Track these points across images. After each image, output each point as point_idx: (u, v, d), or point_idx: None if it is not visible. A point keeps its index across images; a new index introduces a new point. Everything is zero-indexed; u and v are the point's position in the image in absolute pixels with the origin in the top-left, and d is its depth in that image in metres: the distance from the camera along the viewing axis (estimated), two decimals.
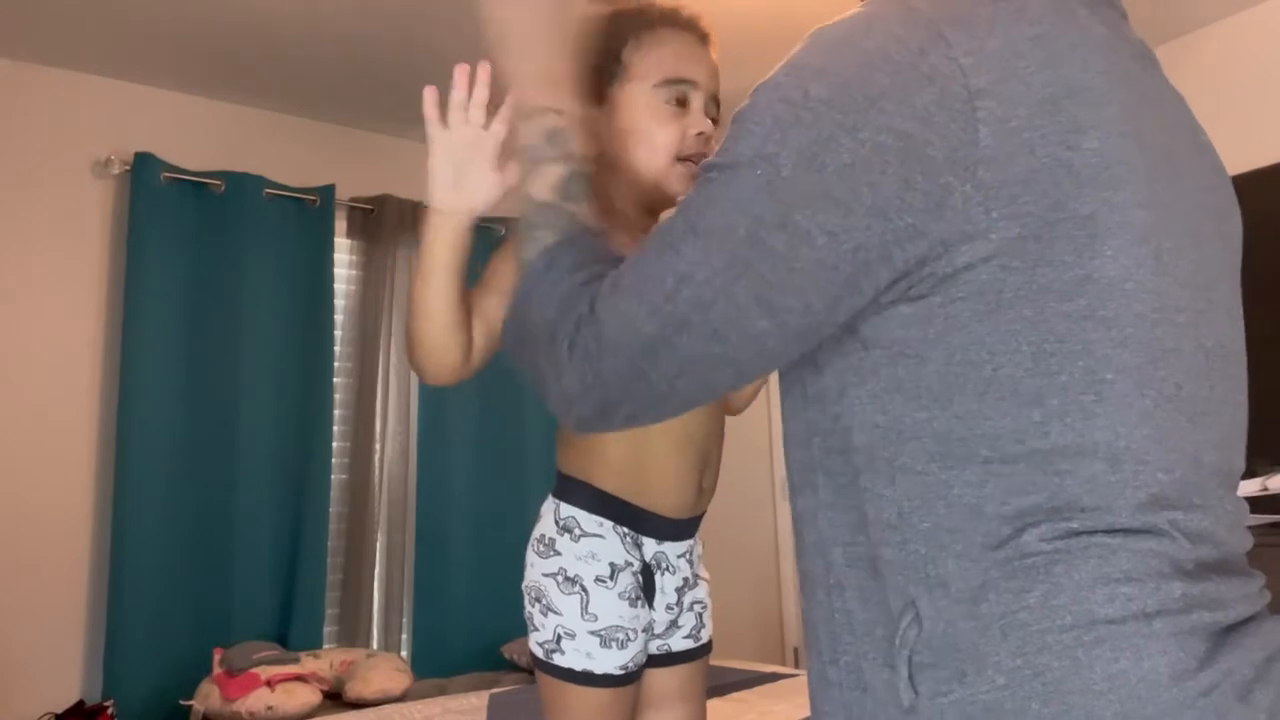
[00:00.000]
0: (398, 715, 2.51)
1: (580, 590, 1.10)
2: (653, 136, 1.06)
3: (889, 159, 0.60)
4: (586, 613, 1.10)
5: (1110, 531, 0.59)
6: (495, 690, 2.80)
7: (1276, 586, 2.23)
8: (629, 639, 1.11)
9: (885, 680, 0.63)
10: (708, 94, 1.10)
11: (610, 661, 1.10)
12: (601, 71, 1.07)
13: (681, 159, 1.07)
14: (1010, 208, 0.59)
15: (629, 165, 1.08)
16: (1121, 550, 0.59)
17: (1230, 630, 0.61)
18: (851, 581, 0.65)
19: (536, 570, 1.14)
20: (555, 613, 1.11)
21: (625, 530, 1.13)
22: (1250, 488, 2.27)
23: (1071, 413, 0.60)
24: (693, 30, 1.12)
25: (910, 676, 0.61)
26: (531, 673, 3.13)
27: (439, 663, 3.29)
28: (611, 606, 1.11)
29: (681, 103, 1.07)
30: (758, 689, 2.59)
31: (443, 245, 0.97)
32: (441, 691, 2.92)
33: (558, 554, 1.12)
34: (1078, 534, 0.59)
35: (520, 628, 3.37)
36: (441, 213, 0.97)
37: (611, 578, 1.11)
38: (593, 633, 1.09)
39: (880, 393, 0.64)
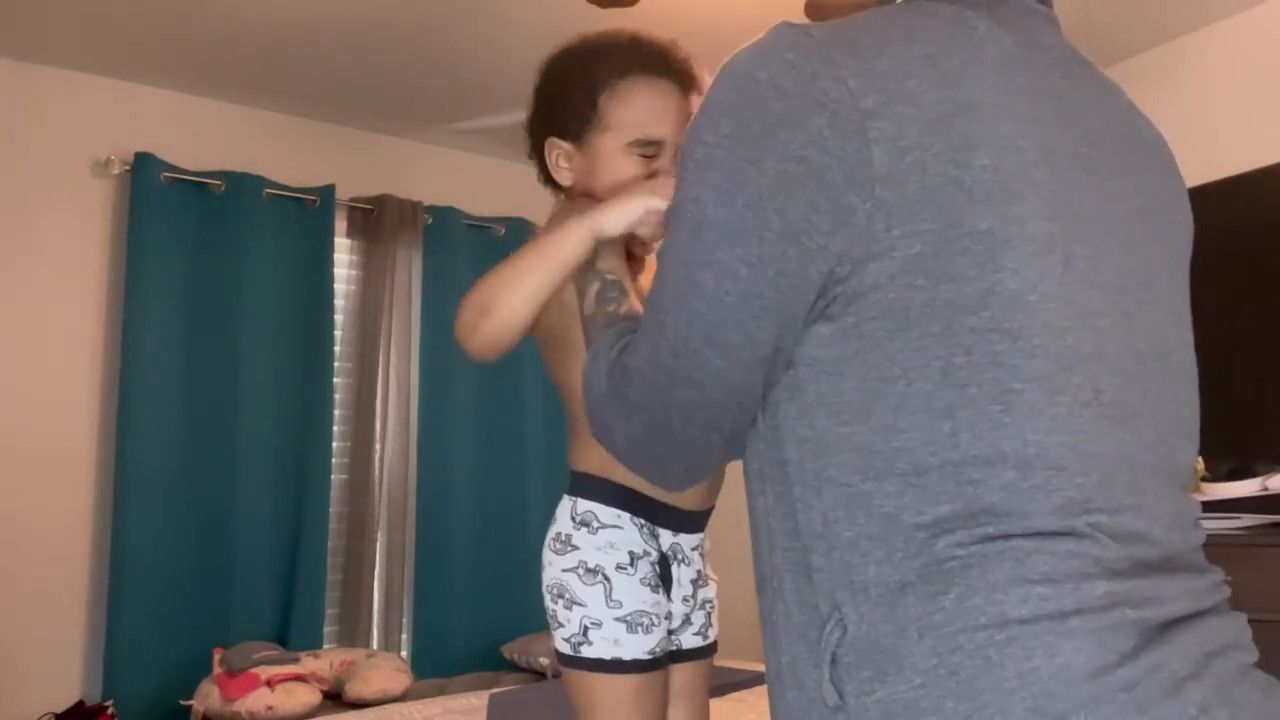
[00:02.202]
0: (398, 715, 2.51)
1: (603, 579, 1.13)
2: (621, 180, 1.14)
3: (792, 185, 0.63)
4: (611, 600, 1.13)
5: (1027, 535, 0.61)
6: (495, 690, 2.80)
7: (1277, 586, 2.23)
8: (653, 624, 1.15)
9: (816, 680, 0.65)
10: (676, 147, 1.15)
11: (638, 647, 1.13)
12: (580, 113, 1.15)
13: None
14: (909, 225, 0.61)
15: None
16: (1038, 553, 0.60)
17: (1166, 626, 0.61)
18: (790, 584, 0.68)
19: (555, 568, 1.16)
20: (580, 605, 1.13)
21: (642, 522, 1.16)
22: (1250, 488, 2.27)
23: (980, 423, 0.61)
24: (673, 77, 1.16)
25: (833, 678, 0.63)
26: (533, 672, 3.13)
27: (439, 663, 3.29)
28: (634, 592, 1.14)
29: (651, 156, 1.15)
30: (758, 689, 2.60)
31: (577, 249, 1.03)
32: (441, 691, 2.92)
33: (575, 548, 1.15)
34: (993, 538, 0.61)
35: (520, 627, 3.38)
36: (596, 227, 1.03)
37: (631, 565, 1.15)
38: (618, 619, 1.12)
39: (806, 409, 0.67)
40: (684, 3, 2.63)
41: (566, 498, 1.18)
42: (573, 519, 1.16)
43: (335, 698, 2.80)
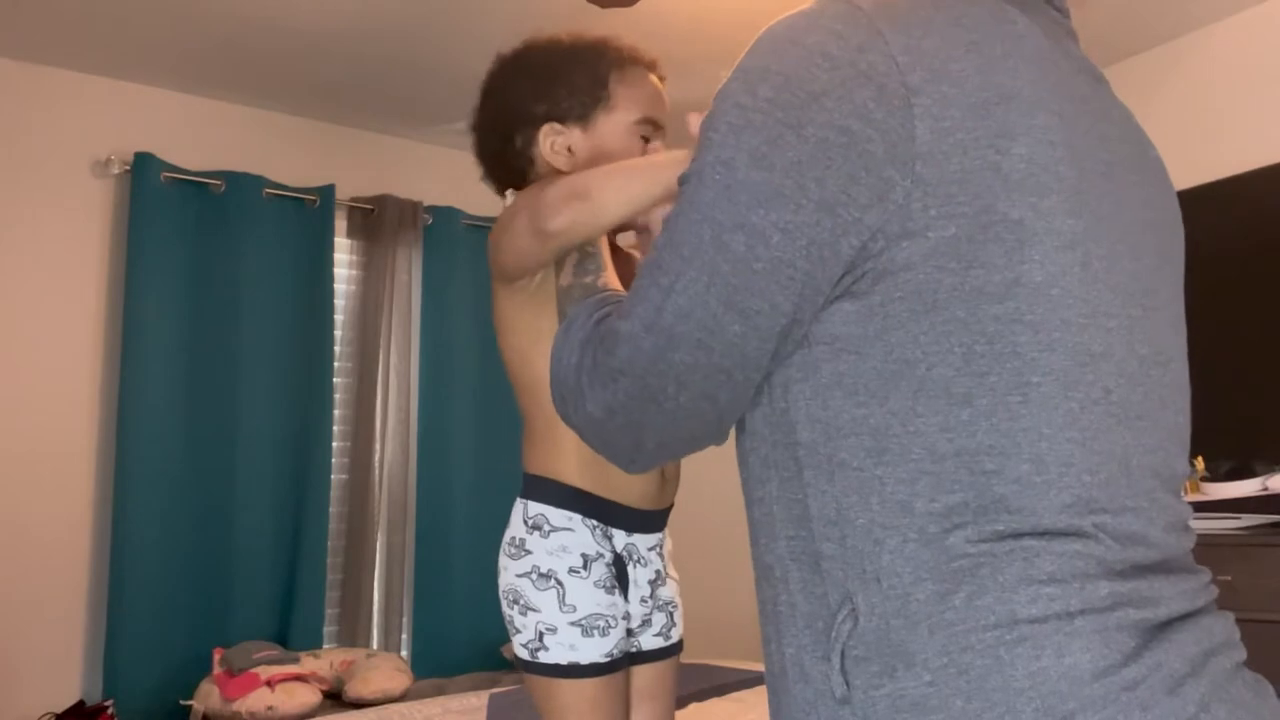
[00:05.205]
0: (398, 715, 2.51)
1: (555, 584, 1.13)
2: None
3: (833, 154, 0.62)
4: (564, 605, 1.12)
5: (1036, 534, 0.61)
6: (495, 690, 2.80)
7: (1277, 586, 2.23)
8: (610, 626, 1.14)
9: (823, 672, 0.65)
10: (664, 134, 1.22)
11: (594, 650, 1.12)
12: (589, 93, 1.17)
13: None
14: (946, 207, 0.61)
15: None
16: (1046, 553, 0.61)
17: (1164, 626, 0.62)
18: (795, 574, 0.68)
19: (510, 573, 1.16)
20: (534, 610, 1.13)
21: (594, 523, 1.16)
22: (1250, 488, 2.28)
23: (998, 413, 0.61)
24: (656, 73, 1.24)
25: (843, 669, 0.63)
26: None
27: (439, 663, 3.30)
28: (588, 595, 1.13)
29: (648, 139, 1.19)
30: (757, 689, 2.60)
31: (671, 176, 0.99)
32: (441, 691, 2.92)
33: (529, 553, 1.15)
34: (1003, 536, 0.61)
35: None
36: (681, 163, 1.00)
37: (585, 568, 1.14)
38: (573, 624, 1.12)
39: (822, 388, 0.66)
40: (684, 3, 2.63)
41: (519, 501, 1.18)
42: (525, 522, 1.16)
43: (335, 698, 2.80)
